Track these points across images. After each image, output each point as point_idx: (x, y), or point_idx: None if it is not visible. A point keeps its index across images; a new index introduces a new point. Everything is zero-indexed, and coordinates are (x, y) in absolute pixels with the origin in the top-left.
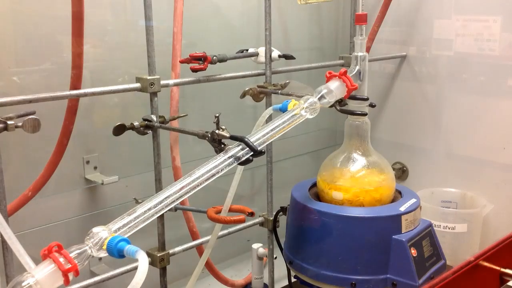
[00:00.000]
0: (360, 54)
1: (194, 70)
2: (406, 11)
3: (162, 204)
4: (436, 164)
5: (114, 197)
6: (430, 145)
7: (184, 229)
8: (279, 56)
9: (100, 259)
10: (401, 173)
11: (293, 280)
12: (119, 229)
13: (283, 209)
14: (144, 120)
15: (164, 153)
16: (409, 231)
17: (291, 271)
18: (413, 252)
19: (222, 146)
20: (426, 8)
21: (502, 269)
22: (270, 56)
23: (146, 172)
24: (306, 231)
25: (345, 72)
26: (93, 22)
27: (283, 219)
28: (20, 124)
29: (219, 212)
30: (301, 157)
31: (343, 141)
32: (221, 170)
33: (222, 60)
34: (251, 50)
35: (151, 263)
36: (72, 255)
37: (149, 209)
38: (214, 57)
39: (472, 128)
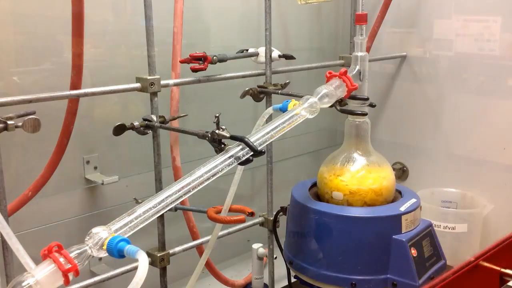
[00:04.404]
0: (360, 54)
1: (194, 70)
2: (406, 11)
3: (162, 204)
4: (436, 164)
5: (114, 197)
6: (430, 145)
7: (184, 229)
8: (279, 56)
9: (100, 259)
10: (401, 173)
11: (293, 280)
12: (119, 229)
13: (283, 209)
14: (144, 120)
15: (164, 153)
16: (409, 231)
17: (291, 271)
18: (413, 252)
19: (222, 146)
20: (426, 8)
21: (502, 269)
22: (270, 56)
23: (146, 172)
24: (306, 231)
25: (345, 72)
26: (93, 22)
27: (283, 219)
28: (20, 124)
29: (219, 212)
30: (301, 157)
31: (343, 141)
32: (221, 170)
33: (222, 60)
34: (251, 50)
35: (151, 263)
36: (72, 255)
37: (149, 209)
38: (214, 57)
39: (472, 128)
